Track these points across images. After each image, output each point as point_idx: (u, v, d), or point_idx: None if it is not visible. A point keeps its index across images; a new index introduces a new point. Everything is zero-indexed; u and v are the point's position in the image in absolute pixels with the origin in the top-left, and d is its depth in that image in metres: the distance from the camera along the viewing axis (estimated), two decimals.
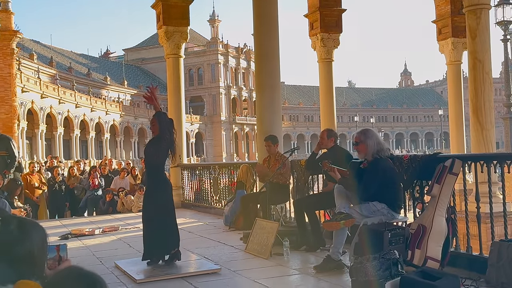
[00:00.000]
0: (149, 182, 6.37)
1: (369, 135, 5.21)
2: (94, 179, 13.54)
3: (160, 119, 5.89)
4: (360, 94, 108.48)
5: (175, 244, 5.95)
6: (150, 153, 6.01)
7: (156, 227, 5.90)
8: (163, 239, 5.91)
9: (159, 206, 5.93)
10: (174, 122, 6.18)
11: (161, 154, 5.94)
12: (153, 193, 6.01)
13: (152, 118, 6.06)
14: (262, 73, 9.42)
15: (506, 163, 4.85)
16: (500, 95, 76.45)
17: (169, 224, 5.96)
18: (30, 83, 43.25)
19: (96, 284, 1.60)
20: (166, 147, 5.91)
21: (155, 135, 6.01)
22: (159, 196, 5.95)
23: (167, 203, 6.03)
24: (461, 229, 5.51)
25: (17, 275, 1.68)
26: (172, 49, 13.55)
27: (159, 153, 5.93)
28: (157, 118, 5.90)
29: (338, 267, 5.33)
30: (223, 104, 79.78)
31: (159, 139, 5.90)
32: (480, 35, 10.93)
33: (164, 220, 5.93)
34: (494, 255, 4.45)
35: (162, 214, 5.93)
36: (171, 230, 5.97)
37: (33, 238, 1.72)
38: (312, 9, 15.14)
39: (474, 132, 11.04)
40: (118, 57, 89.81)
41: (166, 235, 5.92)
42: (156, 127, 5.93)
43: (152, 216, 5.94)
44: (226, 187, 11.13)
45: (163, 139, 5.85)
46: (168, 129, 5.90)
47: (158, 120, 5.90)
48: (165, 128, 5.86)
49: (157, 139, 5.93)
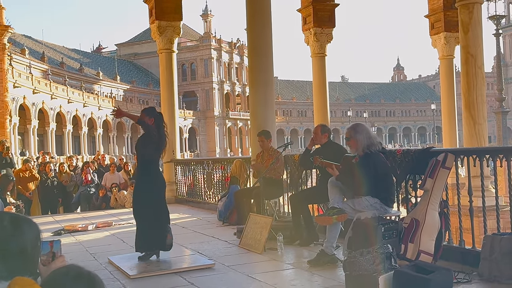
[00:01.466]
0: (137, 177, 6.38)
1: (359, 130, 5.22)
2: (86, 175, 13.48)
3: (145, 116, 5.94)
4: (353, 89, 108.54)
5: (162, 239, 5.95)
6: (139, 148, 6.04)
7: (144, 221, 5.94)
8: (150, 234, 5.91)
9: (146, 201, 5.94)
10: (166, 117, 6.22)
11: (149, 148, 5.93)
12: (141, 188, 6.03)
13: (140, 114, 6.06)
14: (256, 68, 9.41)
15: (499, 157, 4.87)
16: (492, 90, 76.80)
17: (156, 219, 5.97)
18: (22, 78, 42.94)
19: (95, 284, 1.60)
20: (155, 142, 5.90)
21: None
22: (147, 191, 5.96)
23: (155, 198, 6.02)
24: (453, 223, 5.54)
25: (10, 272, 1.67)
26: (165, 44, 13.50)
27: (146, 148, 5.94)
28: (144, 115, 5.96)
29: (331, 261, 5.35)
30: (216, 99, 79.62)
31: (148, 134, 5.92)
32: (472, 29, 10.97)
33: (151, 215, 5.94)
34: (487, 249, 4.47)
35: (150, 209, 5.94)
36: (159, 225, 5.96)
37: (26, 234, 1.70)
38: (305, 3, 15.13)
39: (467, 126, 11.09)
40: (110, 52, 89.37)
41: (154, 230, 5.93)
42: (147, 121, 5.96)
43: (140, 210, 5.99)
44: (220, 181, 11.13)
45: (152, 134, 5.87)
46: (157, 124, 5.91)
47: (154, 116, 5.96)
48: (149, 124, 5.86)
49: (146, 134, 5.95)
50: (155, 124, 5.94)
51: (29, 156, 30.68)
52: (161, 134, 5.92)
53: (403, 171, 5.64)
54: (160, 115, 6.07)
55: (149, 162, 6.05)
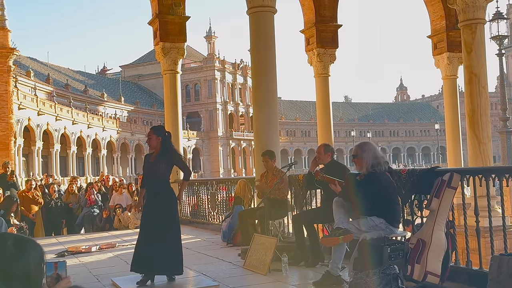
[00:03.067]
0: (158, 196, 6.08)
1: (366, 148, 5.21)
2: (90, 196, 13.46)
3: (153, 134, 6.05)
4: (356, 109, 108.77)
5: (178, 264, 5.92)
6: (162, 169, 6.02)
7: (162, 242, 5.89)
8: (158, 256, 5.85)
9: (168, 220, 5.94)
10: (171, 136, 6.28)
11: (170, 169, 6.11)
12: (163, 206, 5.98)
13: (149, 131, 6.09)
14: (259, 89, 9.45)
15: (505, 176, 4.84)
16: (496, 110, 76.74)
17: (174, 240, 5.96)
18: (27, 100, 43.23)
19: None
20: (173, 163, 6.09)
21: (153, 148, 6.04)
22: (170, 211, 6.01)
23: (175, 218, 6.10)
24: (460, 243, 5.49)
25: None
26: (169, 65, 13.59)
27: (170, 169, 6.08)
28: (159, 134, 6.05)
29: (337, 282, 5.29)
30: (220, 119, 79.87)
31: (168, 154, 6.00)
32: (475, 49, 10.99)
33: (168, 236, 5.92)
34: (494, 270, 4.41)
35: (168, 229, 5.93)
36: (176, 248, 5.97)
37: (30, 256, 1.69)
38: (308, 24, 15.23)
39: (471, 146, 11.04)
40: (115, 73, 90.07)
41: (169, 252, 5.89)
42: (154, 141, 5.97)
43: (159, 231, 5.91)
44: (224, 201, 11.11)
45: (172, 155, 6.04)
46: (164, 143, 6.01)
47: (161, 135, 6.05)
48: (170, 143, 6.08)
49: (164, 154, 5.99)
50: (161, 144, 5.97)
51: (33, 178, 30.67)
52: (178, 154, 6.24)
53: (408, 191, 5.60)
54: (169, 135, 6.12)
55: (168, 182, 6.13)
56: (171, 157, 6.04)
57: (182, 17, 13.77)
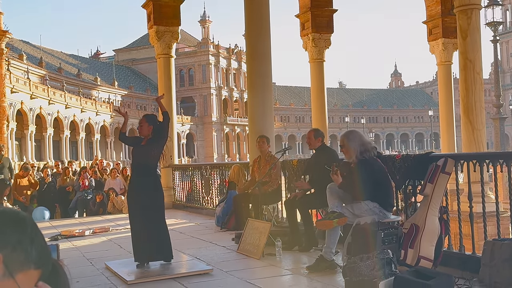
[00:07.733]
0: (146, 182, 5.99)
1: (351, 137, 5.21)
2: (84, 180, 13.42)
3: (146, 122, 6.00)
4: (350, 95, 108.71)
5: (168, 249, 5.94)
6: (155, 154, 5.97)
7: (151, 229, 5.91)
8: (154, 243, 5.88)
9: (156, 207, 5.94)
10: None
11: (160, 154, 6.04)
12: (152, 193, 5.95)
13: (141, 119, 6.04)
14: (254, 74, 9.39)
15: (499, 162, 4.85)
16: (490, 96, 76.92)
17: (164, 226, 5.98)
18: (20, 83, 42.92)
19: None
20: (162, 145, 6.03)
21: (143, 136, 6.00)
22: (159, 197, 5.97)
23: (162, 204, 6.05)
24: (453, 228, 5.51)
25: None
26: (163, 49, 13.49)
27: (159, 154, 6.01)
28: (151, 123, 5.99)
29: (330, 267, 5.31)
30: (214, 104, 79.64)
31: (160, 141, 5.98)
32: (471, 35, 10.97)
33: (158, 223, 5.93)
34: (487, 255, 4.44)
35: (157, 216, 5.93)
36: (167, 233, 5.99)
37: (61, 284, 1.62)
38: (304, 9, 15.14)
39: (465, 132, 11.06)
40: (108, 57, 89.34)
41: (159, 238, 5.90)
42: (146, 129, 5.94)
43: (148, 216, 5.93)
44: (219, 186, 11.11)
45: (163, 141, 5.99)
46: (155, 133, 6.00)
47: (153, 124, 6.00)
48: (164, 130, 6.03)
49: (156, 140, 5.96)
50: (152, 132, 5.95)
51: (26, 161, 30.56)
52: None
53: (402, 176, 5.61)
54: (167, 119, 6.14)
55: (157, 167, 6.08)
56: (163, 143, 6.03)
57: (176, 0, 13.65)
